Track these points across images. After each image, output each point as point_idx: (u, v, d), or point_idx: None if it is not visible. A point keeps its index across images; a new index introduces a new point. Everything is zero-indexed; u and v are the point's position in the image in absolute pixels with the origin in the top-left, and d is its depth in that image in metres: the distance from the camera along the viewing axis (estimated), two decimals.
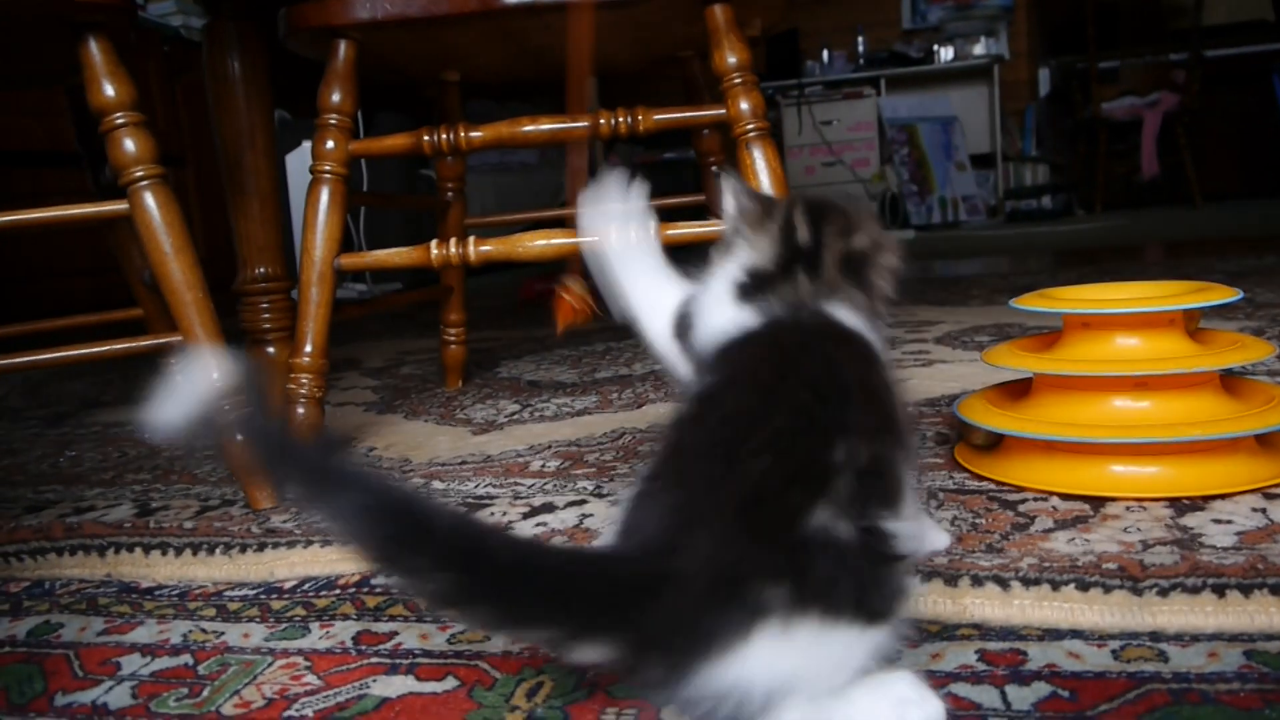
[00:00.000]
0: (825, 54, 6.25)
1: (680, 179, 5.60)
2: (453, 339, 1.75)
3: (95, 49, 1.06)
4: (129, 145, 1.07)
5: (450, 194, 1.67)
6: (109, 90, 1.07)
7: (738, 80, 1.21)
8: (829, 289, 0.63)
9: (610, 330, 2.34)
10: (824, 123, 5.98)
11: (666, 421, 0.60)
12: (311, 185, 1.24)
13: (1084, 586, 0.70)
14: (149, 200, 1.08)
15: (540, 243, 1.20)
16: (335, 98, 1.24)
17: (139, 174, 1.08)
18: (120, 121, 1.07)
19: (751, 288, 0.64)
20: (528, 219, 1.88)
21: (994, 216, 5.82)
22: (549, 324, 0.96)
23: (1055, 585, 0.71)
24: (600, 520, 0.96)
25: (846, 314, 0.63)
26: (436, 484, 1.14)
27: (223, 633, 0.79)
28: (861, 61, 6.21)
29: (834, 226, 0.65)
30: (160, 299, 1.55)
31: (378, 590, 0.83)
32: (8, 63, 1.24)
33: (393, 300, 1.60)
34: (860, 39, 6.28)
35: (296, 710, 0.65)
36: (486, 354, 2.15)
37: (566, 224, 1.27)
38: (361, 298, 3.66)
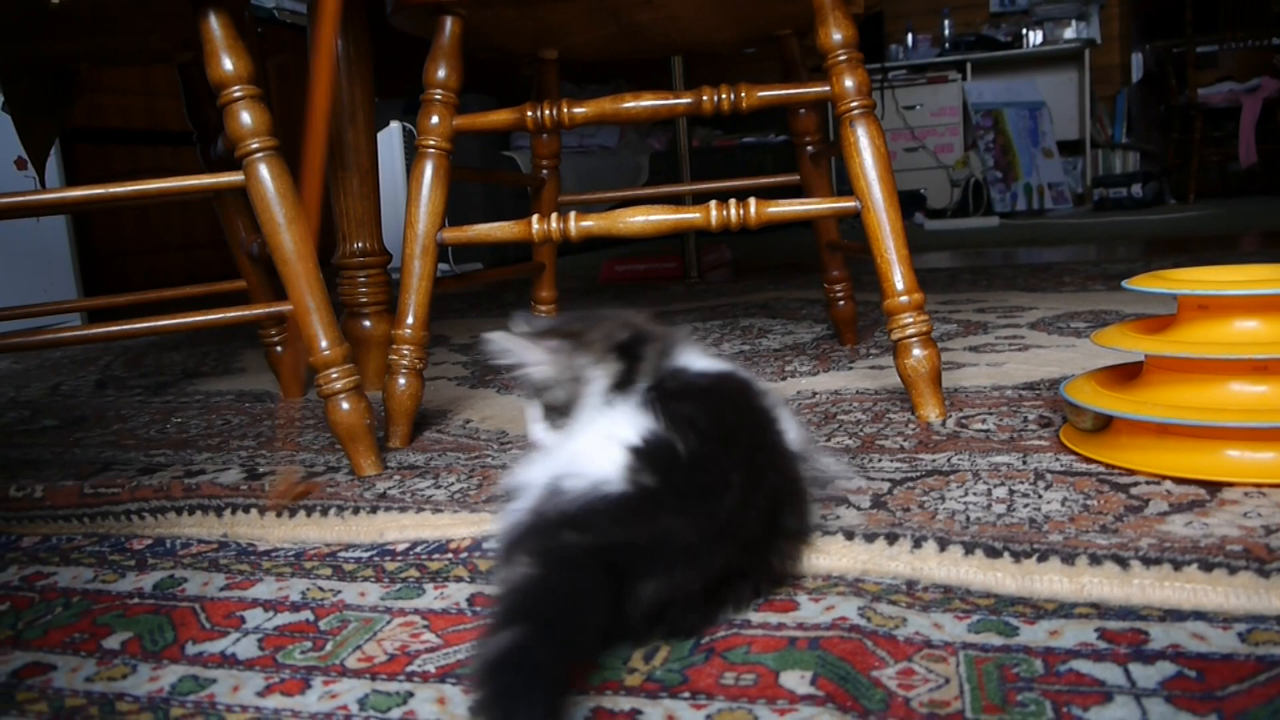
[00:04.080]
0: (910, 37, 6.16)
1: (759, 163, 5.57)
2: (544, 316, 1.77)
3: (216, 23, 1.09)
4: (245, 118, 1.10)
5: (545, 171, 1.68)
6: (228, 64, 1.10)
7: (843, 57, 1.20)
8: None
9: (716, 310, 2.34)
10: (907, 107, 5.90)
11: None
12: (416, 160, 1.26)
13: (1208, 567, 0.69)
14: (264, 171, 1.11)
15: (640, 219, 1.21)
16: (441, 74, 1.25)
17: (254, 146, 1.10)
18: (238, 95, 1.09)
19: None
20: (619, 198, 1.89)
21: (1081, 204, 5.69)
22: (631, 305, 1.00)
23: (1177, 565, 0.70)
24: None
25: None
26: None
27: (339, 591, 0.81)
28: (947, 45, 6.12)
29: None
30: (263, 271, 1.60)
31: (489, 554, 0.84)
32: (128, 37, 1.28)
33: (488, 275, 1.62)
34: (946, 22, 6.18)
35: (418, 666, 0.67)
36: None
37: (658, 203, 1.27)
38: (443, 275, 3.70)
